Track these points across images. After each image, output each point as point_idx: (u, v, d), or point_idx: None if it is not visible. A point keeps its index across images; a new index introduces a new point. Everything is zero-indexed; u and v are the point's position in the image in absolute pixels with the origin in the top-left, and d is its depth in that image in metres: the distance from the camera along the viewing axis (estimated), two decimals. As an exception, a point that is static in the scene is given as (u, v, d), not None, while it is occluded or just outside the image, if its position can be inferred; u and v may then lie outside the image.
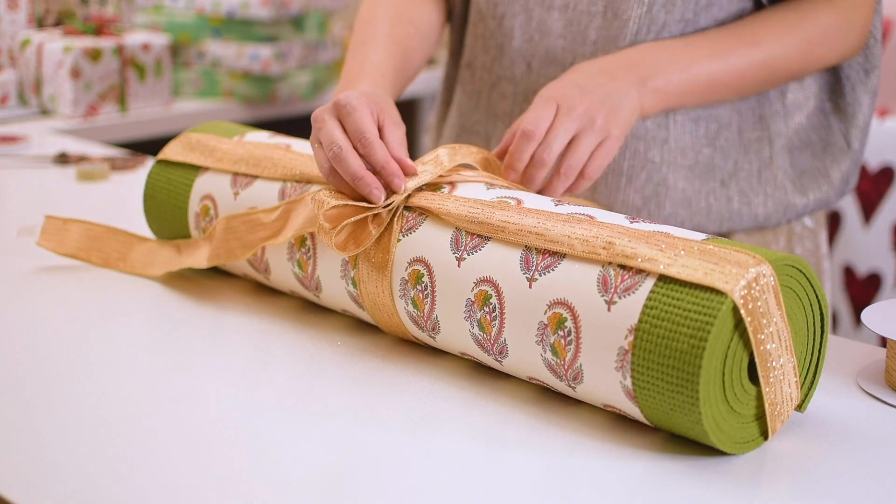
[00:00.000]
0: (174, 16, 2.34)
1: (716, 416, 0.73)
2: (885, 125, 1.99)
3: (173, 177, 1.05)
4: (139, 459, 0.73)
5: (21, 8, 2.13)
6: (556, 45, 1.11)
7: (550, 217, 0.81)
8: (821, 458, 0.75)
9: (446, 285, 0.83)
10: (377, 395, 0.83)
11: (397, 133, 0.92)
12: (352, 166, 0.87)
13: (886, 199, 1.95)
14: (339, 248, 0.87)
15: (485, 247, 0.82)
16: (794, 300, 0.75)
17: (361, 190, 0.87)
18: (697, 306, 0.71)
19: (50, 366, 0.87)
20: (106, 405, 0.81)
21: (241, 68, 2.31)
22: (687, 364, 0.71)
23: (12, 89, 2.05)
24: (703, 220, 1.12)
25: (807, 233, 1.19)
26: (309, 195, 0.93)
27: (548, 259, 0.79)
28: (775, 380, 0.74)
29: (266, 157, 0.99)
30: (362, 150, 0.88)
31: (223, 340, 0.94)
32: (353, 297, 0.91)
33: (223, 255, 0.98)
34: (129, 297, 1.01)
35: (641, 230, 0.78)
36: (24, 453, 0.74)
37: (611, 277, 0.75)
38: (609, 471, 0.73)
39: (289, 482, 0.71)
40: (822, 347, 0.78)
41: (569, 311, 0.76)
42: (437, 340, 0.87)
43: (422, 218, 0.87)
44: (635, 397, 0.74)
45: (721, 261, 0.73)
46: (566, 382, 0.79)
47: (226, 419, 0.80)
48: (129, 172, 1.48)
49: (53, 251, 1.07)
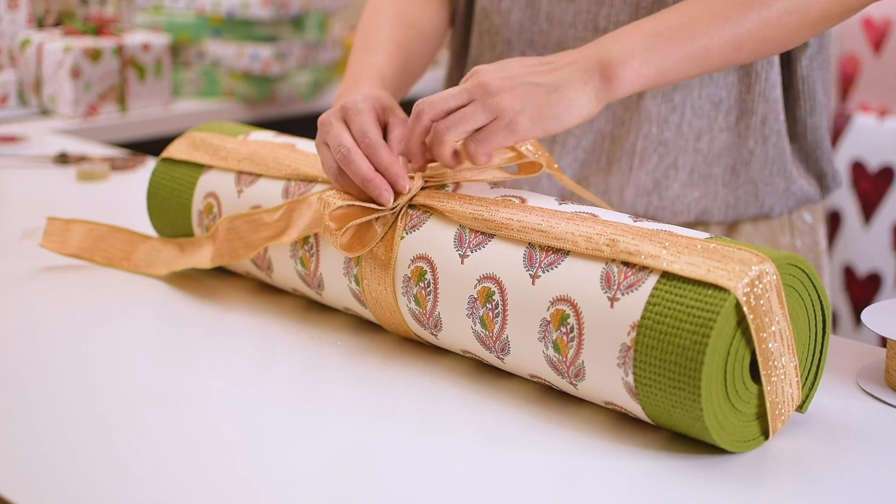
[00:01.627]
0: (174, 16, 2.34)
1: (717, 414, 0.73)
2: (885, 125, 1.99)
3: (177, 174, 1.06)
4: (140, 459, 0.73)
5: (21, 8, 2.13)
6: (567, 34, 1.11)
7: (554, 215, 0.81)
8: (821, 458, 0.75)
9: (449, 282, 0.84)
10: (378, 395, 0.83)
11: (400, 131, 0.92)
12: (361, 168, 0.88)
13: (886, 199, 1.95)
14: (345, 249, 0.87)
15: (488, 244, 0.82)
16: (797, 300, 0.76)
17: (371, 192, 0.87)
18: (700, 303, 0.71)
19: (51, 365, 0.87)
20: (107, 404, 0.81)
21: (241, 68, 2.31)
22: (689, 360, 0.71)
23: (12, 89, 2.05)
24: (708, 204, 1.12)
25: (806, 228, 1.19)
26: (313, 195, 0.93)
27: (551, 256, 0.79)
28: (777, 379, 0.74)
29: (270, 156, 0.99)
30: (365, 151, 0.89)
31: (225, 340, 0.94)
32: (356, 294, 0.91)
33: (226, 255, 0.98)
34: (131, 296, 1.01)
35: (645, 228, 0.78)
36: (24, 453, 0.74)
37: (614, 274, 0.75)
38: (610, 470, 0.73)
39: (290, 481, 0.71)
40: (823, 348, 0.78)
41: (571, 308, 0.76)
42: (440, 338, 0.87)
43: (426, 216, 0.87)
44: (637, 394, 0.74)
45: (724, 258, 0.73)
46: (568, 379, 0.79)
47: (227, 418, 0.80)
48: (129, 172, 1.48)
49: (56, 252, 1.07)
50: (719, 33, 0.92)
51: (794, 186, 1.15)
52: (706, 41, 0.92)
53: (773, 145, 1.13)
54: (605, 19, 1.10)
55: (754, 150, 1.12)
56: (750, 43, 0.94)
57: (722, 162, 1.12)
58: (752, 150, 1.12)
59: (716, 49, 0.93)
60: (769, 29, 0.94)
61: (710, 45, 0.92)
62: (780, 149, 1.13)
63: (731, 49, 0.93)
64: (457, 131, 0.87)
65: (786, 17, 0.94)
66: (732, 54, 0.94)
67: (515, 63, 0.89)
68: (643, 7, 1.08)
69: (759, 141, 1.12)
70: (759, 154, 1.12)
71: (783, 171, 1.14)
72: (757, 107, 1.11)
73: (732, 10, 0.93)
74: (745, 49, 0.94)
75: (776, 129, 1.13)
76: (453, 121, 0.87)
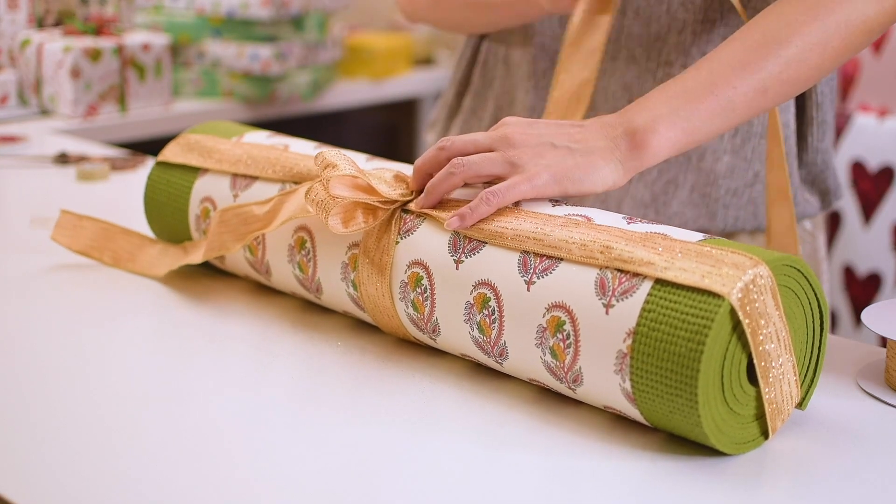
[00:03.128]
0: (174, 16, 2.34)
1: (715, 418, 0.73)
2: (885, 125, 1.99)
3: (173, 179, 1.05)
4: (139, 459, 0.73)
5: (21, 8, 2.13)
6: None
7: (548, 221, 0.81)
8: (821, 458, 0.75)
9: (445, 288, 0.83)
10: (377, 395, 0.83)
11: None
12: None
13: (886, 199, 1.95)
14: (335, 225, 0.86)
15: (483, 249, 0.82)
16: (793, 299, 0.76)
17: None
18: (695, 309, 0.71)
19: (50, 366, 0.87)
20: (106, 405, 0.81)
21: (241, 68, 2.31)
22: (685, 367, 0.71)
23: (12, 89, 2.05)
24: (706, 224, 1.12)
25: (806, 235, 1.19)
26: (303, 186, 0.93)
27: (545, 262, 0.79)
28: (774, 379, 0.74)
29: (264, 158, 0.99)
30: None
31: (224, 340, 0.94)
32: (354, 299, 0.91)
33: (216, 248, 0.98)
34: (130, 297, 1.01)
35: (638, 232, 0.78)
36: (24, 453, 0.74)
37: (608, 280, 0.75)
38: (609, 471, 0.73)
39: (289, 481, 0.71)
40: (821, 345, 0.78)
41: (567, 315, 0.76)
42: (438, 342, 0.87)
43: (419, 220, 0.87)
44: (635, 400, 0.74)
45: (718, 263, 0.73)
46: (566, 385, 0.79)
47: (226, 419, 0.80)
48: (129, 172, 1.48)
49: (66, 247, 1.07)
50: (741, 82, 0.89)
51: (796, 209, 1.13)
52: (729, 93, 0.89)
53: None
54: (617, 31, 1.09)
55: (759, 172, 1.11)
56: (775, 86, 0.90)
57: (725, 184, 1.11)
58: (758, 172, 1.11)
59: (740, 99, 0.89)
60: (792, 68, 0.90)
61: (733, 95, 0.89)
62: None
63: (756, 95, 0.90)
64: (471, 172, 0.85)
65: (806, 54, 0.90)
66: (759, 101, 0.90)
67: (544, 123, 0.88)
68: (654, 19, 1.08)
69: (766, 164, 1.11)
70: (763, 176, 1.11)
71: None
72: (765, 130, 1.10)
73: (751, 57, 0.90)
74: (770, 93, 0.90)
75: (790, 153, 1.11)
76: (470, 161, 0.85)
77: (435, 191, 0.86)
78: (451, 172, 0.85)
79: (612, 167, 0.86)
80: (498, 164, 0.85)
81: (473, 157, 0.85)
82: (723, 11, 1.07)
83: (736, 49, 0.90)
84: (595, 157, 0.86)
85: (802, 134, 1.14)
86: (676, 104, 0.88)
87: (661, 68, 1.09)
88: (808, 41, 0.90)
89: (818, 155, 1.15)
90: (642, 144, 0.86)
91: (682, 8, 1.07)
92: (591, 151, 0.86)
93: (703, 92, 0.89)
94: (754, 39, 0.90)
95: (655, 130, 0.87)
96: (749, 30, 0.91)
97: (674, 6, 1.07)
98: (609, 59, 1.10)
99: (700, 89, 0.89)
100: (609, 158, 0.86)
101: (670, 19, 1.07)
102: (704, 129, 0.89)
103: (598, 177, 0.85)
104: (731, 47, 0.91)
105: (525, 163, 0.84)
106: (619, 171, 0.86)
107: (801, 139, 1.14)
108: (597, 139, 0.86)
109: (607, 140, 0.86)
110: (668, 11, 1.07)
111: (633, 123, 0.87)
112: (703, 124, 0.88)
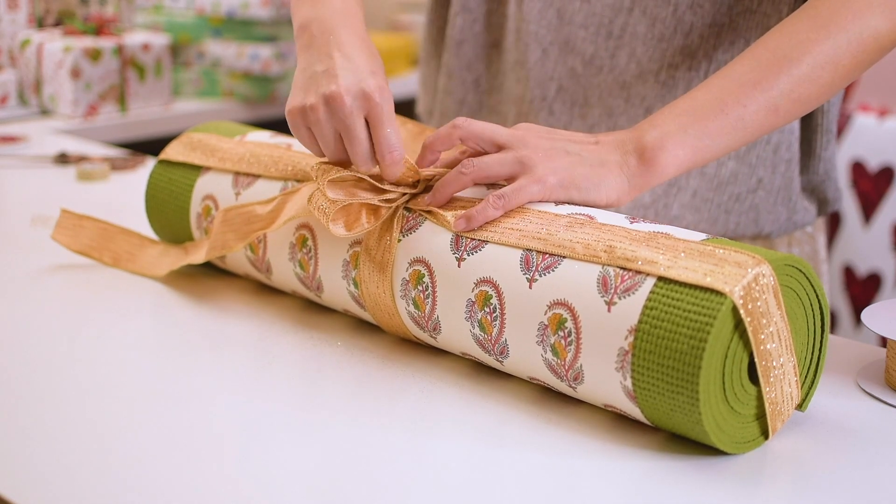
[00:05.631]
0: (174, 16, 2.34)
1: (716, 417, 0.73)
2: (884, 125, 1.99)
3: (175, 177, 1.06)
4: (139, 459, 0.73)
5: (21, 8, 2.13)
6: (576, 34, 1.11)
7: (552, 221, 0.81)
8: (821, 458, 0.75)
9: (447, 286, 0.83)
10: (377, 395, 0.83)
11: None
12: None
13: (886, 199, 1.95)
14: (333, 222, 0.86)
15: (485, 247, 0.82)
16: (794, 299, 0.76)
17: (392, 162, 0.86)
18: (697, 307, 0.71)
19: (49, 366, 0.87)
20: (106, 405, 0.81)
21: (241, 68, 2.31)
22: (687, 365, 0.71)
23: (12, 89, 2.05)
24: (706, 229, 1.12)
25: (805, 237, 1.19)
26: (306, 185, 0.93)
27: (548, 259, 0.79)
28: (776, 379, 0.74)
29: (267, 156, 0.99)
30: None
31: (223, 340, 0.94)
32: (355, 297, 0.91)
33: (219, 247, 0.98)
34: (130, 296, 1.01)
35: (642, 231, 0.78)
36: (24, 453, 0.74)
37: (610, 278, 0.75)
38: (610, 470, 0.73)
39: (289, 481, 0.71)
40: (822, 346, 0.78)
41: (569, 312, 0.76)
42: (439, 340, 0.87)
43: (422, 218, 0.87)
44: (636, 398, 0.74)
45: (721, 262, 0.73)
46: (567, 383, 0.79)
47: (226, 419, 0.80)
48: (129, 172, 1.48)
49: (66, 246, 1.08)
50: (751, 100, 0.88)
51: (796, 216, 1.13)
52: (739, 111, 0.88)
53: (780, 174, 1.11)
54: (621, 28, 1.09)
55: (763, 178, 1.11)
56: (786, 104, 0.89)
57: (728, 189, 1.11)
58: (761, 178, 1.11)
59: (750, 117, 0.88)
60: (803, 87, 0.89)
61: (743, 114, 0.88)
62: (788, 179, 1.12)
63: (767, 113, 0.89)
64: (481, 174, 0.85)
65: (818, 72, 0.89)
66: (769, 119, 0.89)
67: (562, 132, 0.88)
68: (660, 20, 1.07)
69: (769, 169, 1.10)
70: (766, 182, 1.11)
71: (787, 202, 1.12)
72: (771, 136, 1.10)
73: (761, 75, 0.89)
74: (781, 111, 0.89)
75: (787, 158, 1.11)
76: (481, 163, 0.85)
77: (444, 190, 0.86)
78: (461, 173, 0.86)
79: (618, 182, 0.86)
80: (507, 166, 0.85)
81: (485, 159, 0.86)
82: (732, 16, 1.07)
83: (746, 67, 0.90)
84: (604, 169, 0.86)
85: (807, 140, 1.13)
86: (686, 121, 0.87)
87: (665, 70, 1.09)
88: (819, 59, 0.89)
89: (821, 163, 1.15)
90: (651, 161, 0.86)
91: (690, 11, 1.07)
92: (602, 164, 0.86)
93: (713, 110, 0.88)
94: (765, 57, 0.89)
95: (664, 148, 0.86)
96: (759, 47, 0.90)
97: (681, 8, 1.07)
98: (609, 57, 1.10)
99: (710, 107, 0.88)
100: (618, 173, 0.86)
101: (677, 21, 1.07)
102: (714, 147, 0.88)
103: (603, 189, 0.86)
104: (741, 65, 0.90)
105: (535, 164, 0.85)
106: (624, 186, 0.86)
107: (806, 145, 1.14)
108: (609, 153, 0.87)
109: (619, 155, 0.87)
110: (675, 13, 1.07)
111: (643, 140, 0.87)
112: (713, 142, 0.88)
